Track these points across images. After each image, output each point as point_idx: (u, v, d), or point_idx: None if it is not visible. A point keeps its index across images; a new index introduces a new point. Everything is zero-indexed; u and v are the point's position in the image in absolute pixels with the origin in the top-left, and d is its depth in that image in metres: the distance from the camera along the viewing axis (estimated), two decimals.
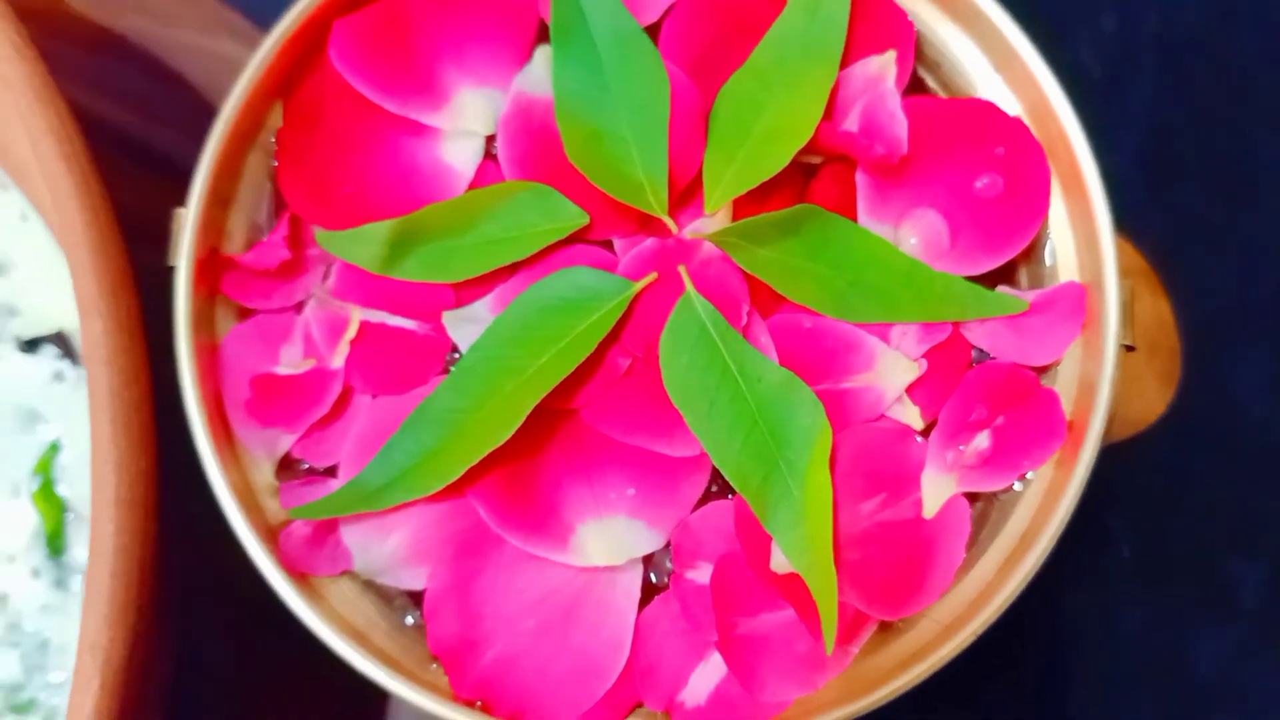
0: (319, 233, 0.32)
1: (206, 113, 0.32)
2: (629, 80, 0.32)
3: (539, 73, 0.33)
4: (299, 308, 0.33)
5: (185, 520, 0.32)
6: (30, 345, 0.39)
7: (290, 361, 0.32)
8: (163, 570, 0.29)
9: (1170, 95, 0.50)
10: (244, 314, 0.33)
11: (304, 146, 0.33)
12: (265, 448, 0.32)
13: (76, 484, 0.38)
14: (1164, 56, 0.50)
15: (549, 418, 0.31)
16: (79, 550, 0.38)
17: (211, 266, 0.32)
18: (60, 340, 0.39)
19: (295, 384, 0.32)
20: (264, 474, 0.32)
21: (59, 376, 0.39)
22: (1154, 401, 0.42)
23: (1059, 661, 0.48)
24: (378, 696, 0.43)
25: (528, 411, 0.30)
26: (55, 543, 0.38)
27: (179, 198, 0.31)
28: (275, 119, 0.33)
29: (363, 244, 0.32)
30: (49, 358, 0.39)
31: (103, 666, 0.26)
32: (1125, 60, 0.50)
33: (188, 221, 0.31)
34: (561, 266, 0.32)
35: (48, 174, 0.29)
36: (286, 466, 0.32)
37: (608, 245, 0.33)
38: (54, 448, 0.38)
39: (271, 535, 0.31)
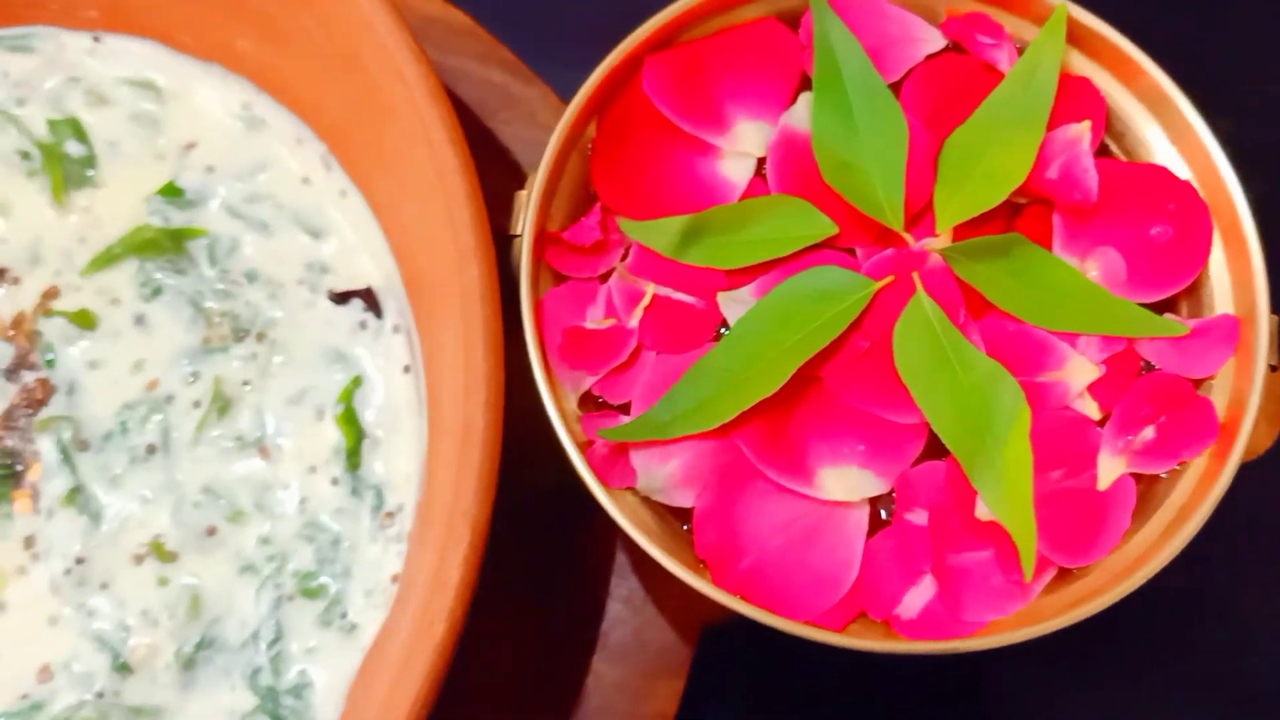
0: (623, 222, 0.40)
1: (473, 129, 0.39)
2: (874, 125, 0.41)
3: (801, 112, 0.42)
4: (602, 279, 0.41)
5: None
6: (341, 298, 0.47)
7: (594, 319, 0.40)
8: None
9: None
10: (559, 279, 0.41)
11: (613, 153, 0.41)
12: (572, 384, 0.39)
13: (371, 414, 0.46)
14: None
15: (800, 382, 0.39)
16: (372, 467, 0.45)
17: (539, 239, 0.40)
18: (367, 295, 0.47)
19: (598, 337, 0.40)
20: (570, 404, 0.39)
21: (363, 325, 0.47)
22: (1261, 438, 0.49)
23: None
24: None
25: (787, 378, 0.38)
26: (353, 459, 0.45)
27: None
28: (591, 131, 0.42)
29: (658, 233, 0.40)
30: (356, 309, 0.47)
31: (471, 528, 0.34)
32: None
33: (529, 202, 0.39)
34: (813, 265, 0.40)
35: (437, 155, 0.37)
36: (586, 402, 0.40)
37: (850, 252, 0.41)
38: (356, 381, 0.46)
39: (579, 451, 0.38)
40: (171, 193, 0.48)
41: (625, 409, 0.40)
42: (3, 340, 0.46)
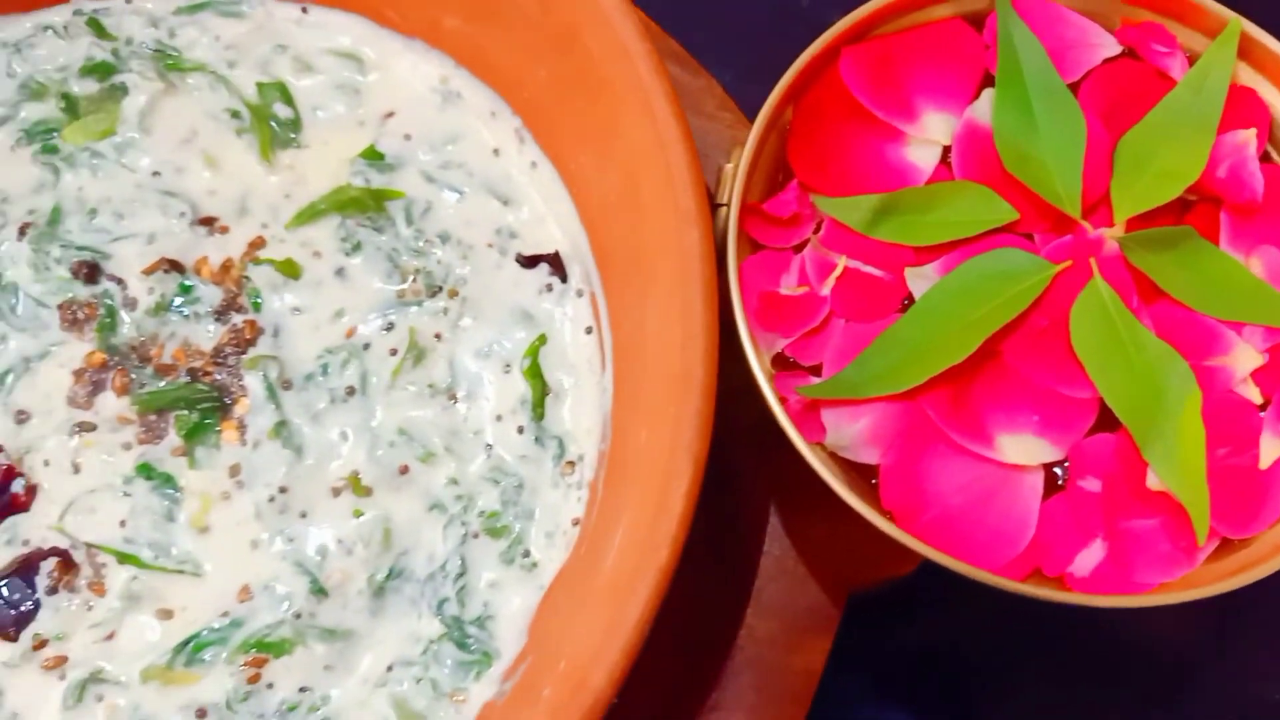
0: (818, 198, 0.44)
1: None
2: (1053, 120, 0.44)
3: (984, 106, 0.45)
4: (796, 249, 0.44)
5: None
6: (529, 261, 0.50)
7: (789, 286, 0.43)
8: None
9: None
10: (755, 248, 0.44)
11: (809, 134, 0.44)
12: (766, 345, 0.42)
13: (554, 370, 0.49)
14: None
15: (981, 354, 0.42)
16: (555, 419, 0.48)
17: (740, 210, 0.43)
18: (554, 260, 0.50)
19: (792, 303, 0.43)
20: (765, 364, 0.42)
21: (549, 288, 0.50)
22: None
23: None
24: None
25: (973, 349, 0.41)
26: (538, 410, 0.48)
27: None
28: (787, 114, 0.45)
29: (851, 209, 0.43)
30: (542, 273, 0.50)
31: (693, 463, 0.37)
32: None
33: (737, 174, 0.42)
34: (993, 248, 0.43)
35: (660, 125, 0.40)
36: (778, 362, 0.43)
37: (1028, 237, 0.44)
38: (541, 339, 0.49)
39: (780, 404, 0.41)
40: (373, 156, 0.51)
41: (815, 370, 0.43)
42: (212, 284, 0.49)
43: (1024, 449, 0.41)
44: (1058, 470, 0.42)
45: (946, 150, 0.45)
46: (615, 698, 0.36)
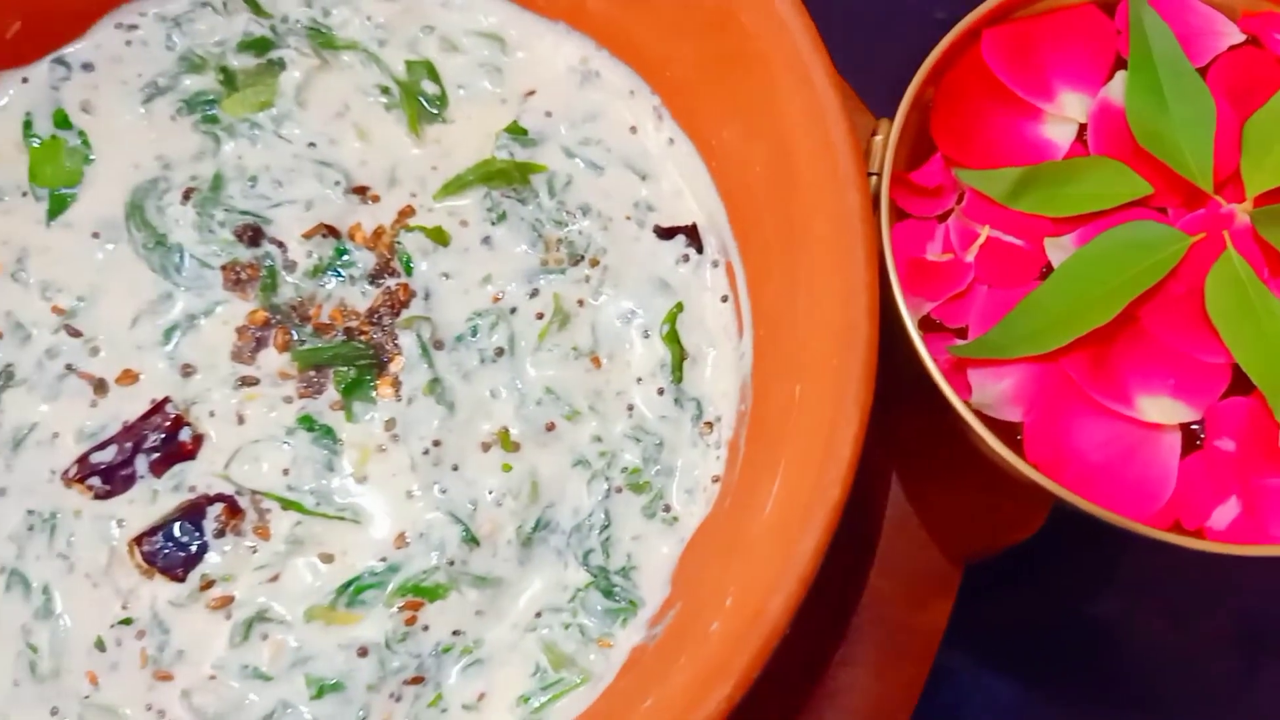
0: (960, 170, 0.46)
1: None
2: (1183, 101, 0.46)
3: (1117, 88, 0.47)
4: (939, 219, 0.46)
5: None
6: (666, 233, 0.53)
7: (934, 253, 0.45)
8: None
9: None
10: (900, 216, 0.46)
11: (951, 111, 0.47)
12: (913, 309, 0.45)
13: (692, 336, 0.51)
14: None
15: (1120, 320, 0.44)
16: (693, 382, 0.51)
17: (890, 179, 0.45)
18: (691, 232, 0.53)
19: (938, 268, 0.45)
20: (911, 327, 0.45)
21: (686, 258, 0.52)
22: None
23: None
24: None
25: (1115, 314, 0.43)
26: (677, 373, 0.51)
27: None
28: (929, 95, 0.47)
29: (993, 181, 0.45)
30: (679, 244, 0.53)
31: (858, 411, 0.39)
32: None
33: (888, 144, 0.44)
34: (1127, 220, 0.45)
35: (819, 97, 0.43)
36: (923, 325, 0.45)
37: (1161, 211, 0.46)
38: (679, 306, 0.52)
39: (934, 362, 0.43)
40: (516, 131, 0.54)
41: (960, 333, 0.45)
42: (366, 249, 0.52)
43: (1161, 409, 0.43)
44: (1196, 428, 0.44)
45: (1082, 128, 0.47)
46: (789, 627, 0.38)
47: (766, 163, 0.47)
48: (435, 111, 0.54)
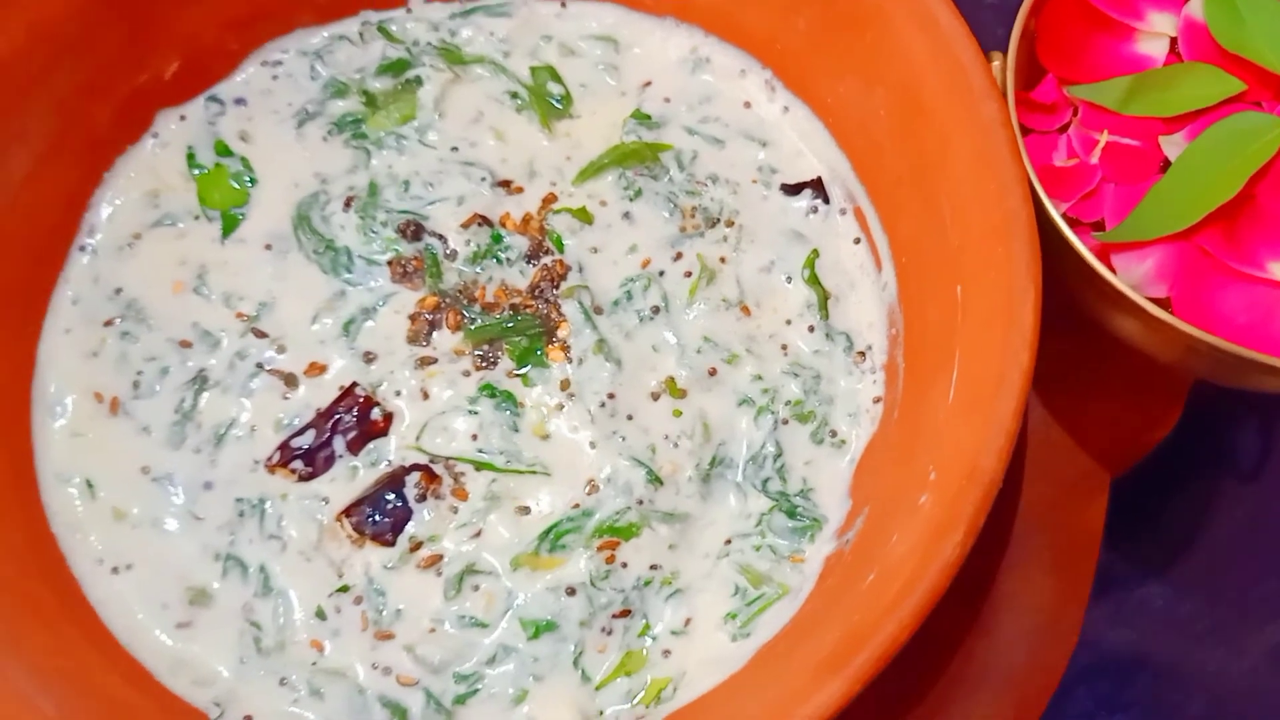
0: (1073, 87, 0.50)
1: None
2: (1255, 11, 0.51)
3: (1197, 6, 0.52)
4: (1059, 131, 0.51)
5: None
6: (793, 190, 0.57)
7: (1061, 160, 0.49)
8: None
9: None
10: (1025, 132, 0.50)
11: (1055, 38, 0.52)
12: (1055, 208, 0.49)
13: (831, 277, 0.55)
14: None
15: (1240, 200, 0.48)
16: (839, 317, 0.54)
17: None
18: (816, 185, 0.57)
19: (1067, 172, 0.49)
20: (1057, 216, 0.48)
21: (814, 210, 0.57)
22: None
23: None
24: None
25: (1233, 192, 0.47)
26: (823, 311, 0.54)
27: None
28: (1033, 25, 0.52)
29: (1105, 92, 0.50)
30: (806, 198, 0.57)
31: (1032, 281, 0.43)
32: None
33: (1008, 68, 0.49)
34: (1229, 114, 0.50)
35: (943, 31, 0.47)
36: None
37: (1257, 105, 0.50)
38: (815, 253, 0.56)
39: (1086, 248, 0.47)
40: (641, 117, 0.58)
41: (1097, 226, 0.49)
42: (518, 234, 0.56)
43: None
44: None
45: (1173, 41, 0.52)
46: (1002, 482, 0.41)
47: (889, 106, 0.52)
48: (562, 108, 0.59)
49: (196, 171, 0.57)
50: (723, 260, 0.55)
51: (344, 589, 0.50)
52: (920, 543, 0.40)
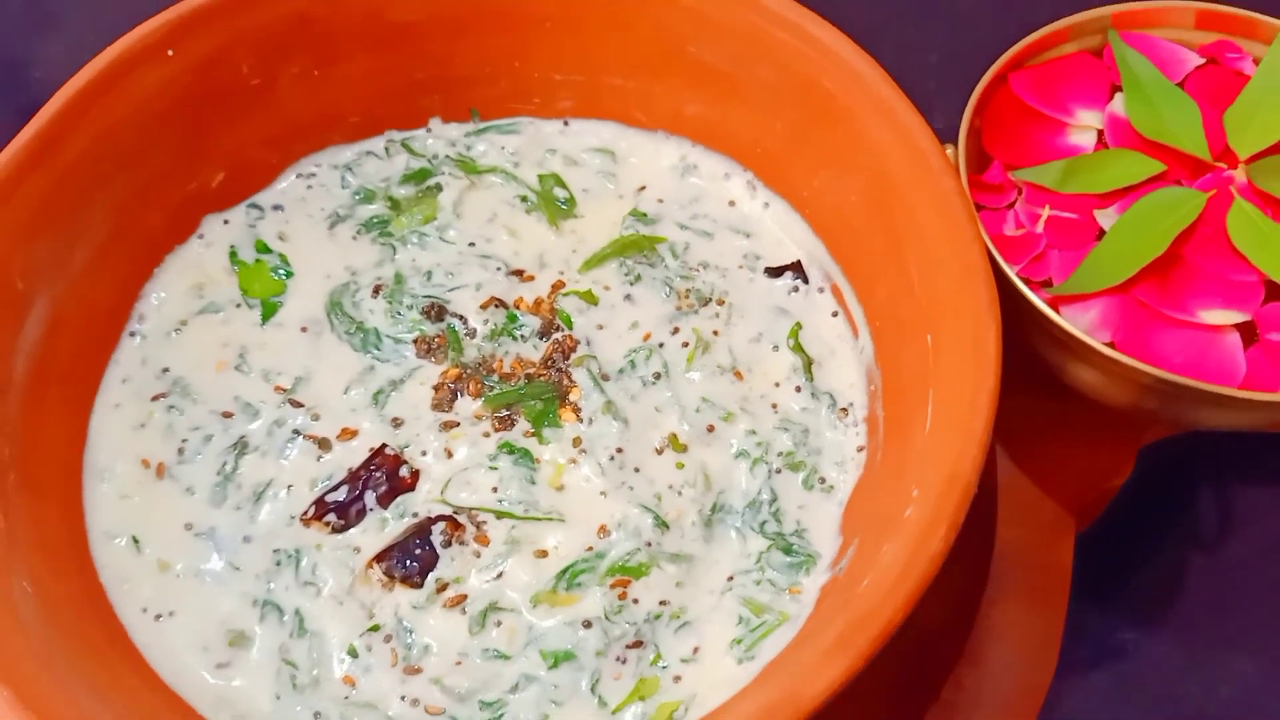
0: (1016, 170, 0.58)
1: None
2: (1170, 106, 0.59)
3: (1119, 104, 0.61)
4: (1007, 207, 0.58)
5: None
6: (776, 272, 0.64)
7: (1010, 230, 0.57)
8: None
9: None
10: (978, 208, 0.58)
11: (998, 132, 0.60)
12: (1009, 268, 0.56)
13: (813, 346, 0.62)
14: None
15: (1169, 260, 0.55)
16: (822, 380, 0.60)
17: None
18: (796, 267, 0.64)
19: (1017, 240, 0.56)
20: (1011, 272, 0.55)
21: (796, 289, 0.63)
22: None
23: None
24: None
25: (1160, 250, 0.54)
26: (808, 374, 0.60)
27: None
28: (977, 123, 0.60)
29: (1045, 174, 0.58)
30: (788, 279, 0.64)
31: (993, 316, 0.49)
32: None
33: (960, 156, 0.57)
34: (1153, 189, 0.58)
35: (902, 123, 0.55)
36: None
37: (1177, 183, 0.58)
38: (798, 325, 0.62)
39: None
40: (638, 214, 0.66)
41: (1045, 284, 0.56)
42: (531, 314, 0.62)
43: (1217, 316, 0.54)
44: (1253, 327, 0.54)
45: (1099, 134, 0.60)
46: (976, 487, 0.46)
47: (860, 190, 0.59)
48: (567, 209, 0.66)
49: (238, 266, 0.63)
50: (715, 333, 0.62)
51: (375, 628, 0.54)
52: (908, 544, 0.45)
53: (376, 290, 0.63)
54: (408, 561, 0.55)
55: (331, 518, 0.56)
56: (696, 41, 0.63)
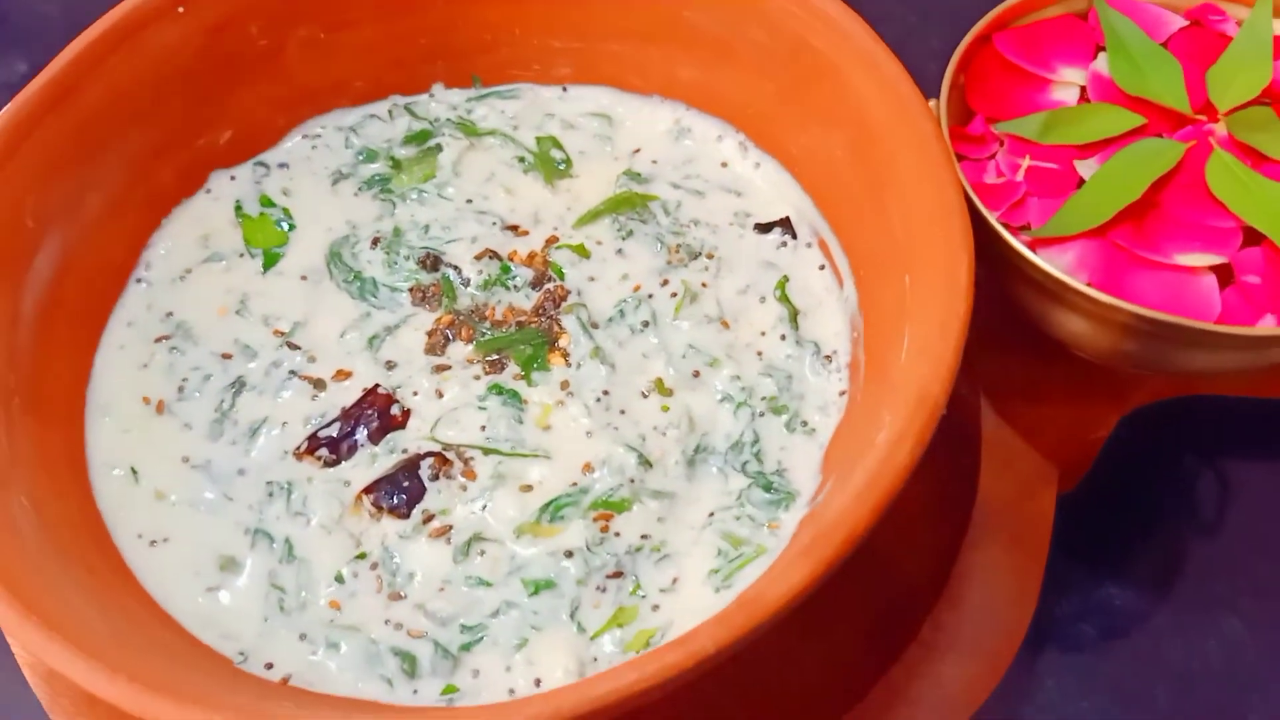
0: (999, 123, 0.59)
1: None
2: (1153, 64, 0.60)
3: (1102, 63, 0.62)
4: (989, 158, 0.59)
5: None
6: (765, 228, 0.65)
7: (991, 179, 0.58)
8: None
9: None
10: (960, 158, 0.59)
11: (981, 87, 0.61)
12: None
13: (800, 298, 0.63)
14: None
15: (1147, 205, 0.56)
16: (807, 329, 0.61)
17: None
18: (785, 223, 0.65)
19: (997, 188, 0.57)
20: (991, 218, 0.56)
21: (784, 244, 0.65)
22: None
23: None
24: None
25: (1137, 195, 0.55)
26: (794, 324, 0.62)
27: None
28: (961, 80, 0.62)
29: (1026, 126, 0.59)
30: (776, 235, 0.65)
31: (966, 251, 0.50)
32: None
33: (941, 108, 0.58)
34: (1134, 140, 0.58)
35: (886, 75, 0.57)
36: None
37: (1158, 135, 0.59)
38: (785, 278, 0.63)
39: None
40: (632, 174, 0.67)
41: (1024, 229, 0.57)
42: (525, 266, 0.64)
43: (1193, 258, 0.54)
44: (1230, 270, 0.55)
45: (1082, 90, 0.61)
46: (946, 408, 0.47)
47: (845, 142, 0.61)
48: (563, 169, 0.68)
49: (242, 219, 0.65)
50: (704, 285, 0.63)
51: (361, 556, 0.55)
52: (876, 459, 0.46)
53: (375, 242, 0.64)
54: (395, 494, 0.56)
55: (323, 452, 0.57)
56: (691, 6, 0.65)
